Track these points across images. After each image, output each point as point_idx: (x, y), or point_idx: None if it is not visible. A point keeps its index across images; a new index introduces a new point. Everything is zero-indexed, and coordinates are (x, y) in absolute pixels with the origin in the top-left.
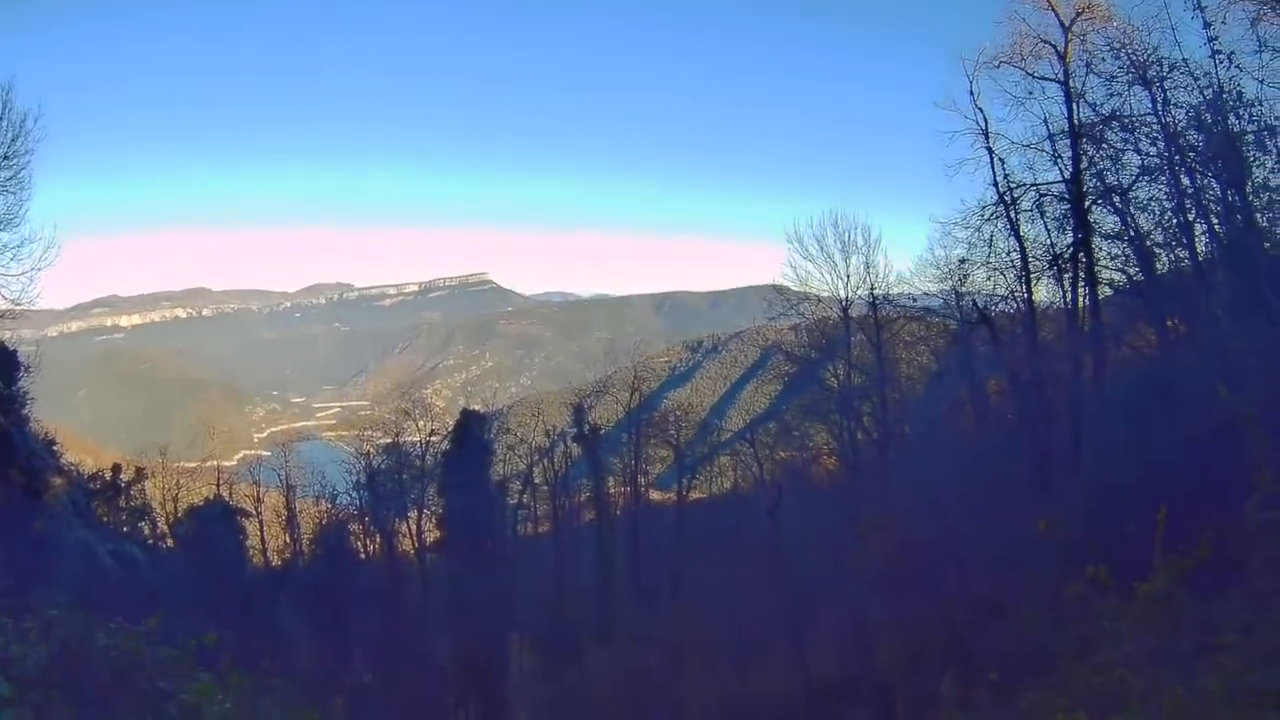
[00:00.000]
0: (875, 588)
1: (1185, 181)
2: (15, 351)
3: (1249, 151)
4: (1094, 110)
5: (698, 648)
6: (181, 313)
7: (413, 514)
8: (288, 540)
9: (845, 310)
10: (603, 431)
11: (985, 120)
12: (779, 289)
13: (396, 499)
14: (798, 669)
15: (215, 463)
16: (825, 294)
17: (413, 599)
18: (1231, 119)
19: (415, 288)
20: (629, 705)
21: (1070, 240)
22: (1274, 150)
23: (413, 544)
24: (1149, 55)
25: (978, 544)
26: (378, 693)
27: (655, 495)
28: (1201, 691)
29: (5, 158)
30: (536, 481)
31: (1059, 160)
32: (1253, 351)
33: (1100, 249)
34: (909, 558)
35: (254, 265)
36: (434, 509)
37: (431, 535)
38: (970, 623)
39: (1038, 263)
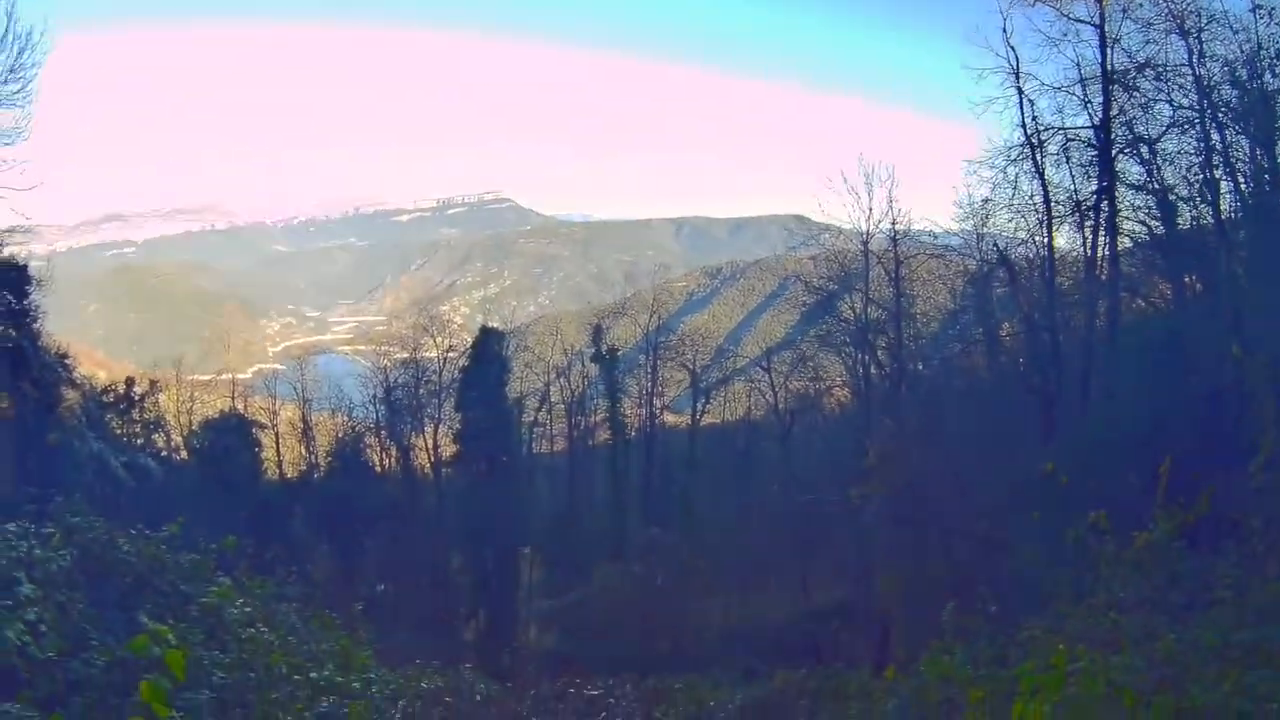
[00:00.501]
0: (880, 519)
1: (1215, 137)
2: (26, 266)
3: None
4: (1128, 56)
5: (705, 568)
6: (194, 226)
7: (429, 429)
8: (303, 453)
9: (865, 243)
10: (620, 353)
11: (1016, 59)
12: (800, 219)
13: (413, 413)
14: (800, 593)
15: (230, 376)
16: (846, 226)
17: (427, 512)
18: (1268, 76)
19: (433, 204)
20: (635, 621)
21: (1094, 188)
22: None
23: (429, 458)
24: (1188, 4)
25: (982, 482)
26: (391, 602)
27: (670, 418)
28: (1193, 643)
29: (11, 71)
30: (553, 400)
31: (1089, 105)
32: (1268, 313)
33: (1124, 199)
34: (915, 491)
35: (267, 178)
36: (450, 424)
37: (448, 450)
38: (971, 557)
39: (1060, 208)
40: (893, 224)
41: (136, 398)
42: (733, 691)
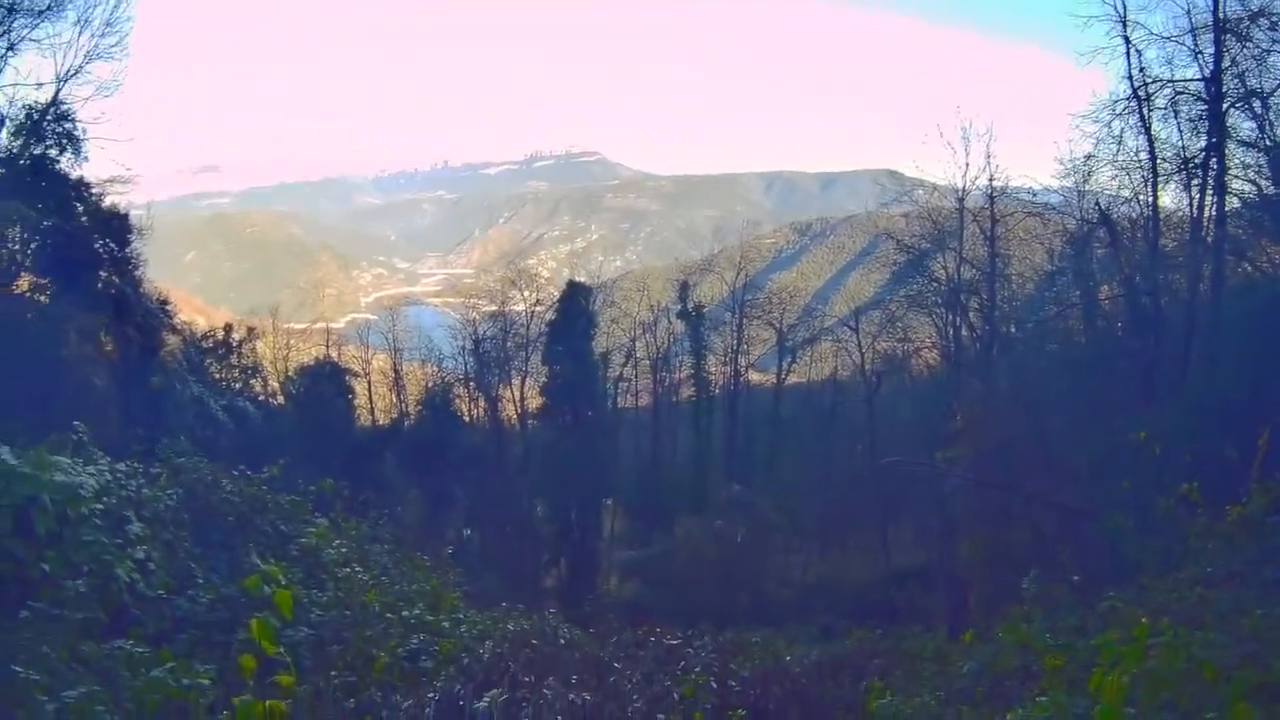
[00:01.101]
0: (965, 483)
1: None
2: (127, 215)
3: None
4: (1241, 4)
5: (786, 526)
6: (288, 178)
7: (516, 380)
8: (394, 401)
9: (961, 200)
10: (706, 310)
11: (1124, 6)
12: (893, 174)
13: (501, 365)
14: (880, 554)
15: (324, 324)
16: (941, 182)
17: (514, 462)
18: None
19: (521, 157)
20: (715, 575)
21: (1203, 144)
22: None
23: (515, 409)
24: None
25: (1073, 449)
26: (477, 548)
27: (754, 376)
28: None
29: (108, 25)
30: (638, 356)
31: (1199, 56)
32: None
33: (1233, 156)
34: (1002, 456)
35: (358, 130)
36: (537, 377)
37: (534, 402)
38: (1057, 525)
39: (1166, 165)
40: (990, 180)
41: (235, 344)
42: (809, 647)
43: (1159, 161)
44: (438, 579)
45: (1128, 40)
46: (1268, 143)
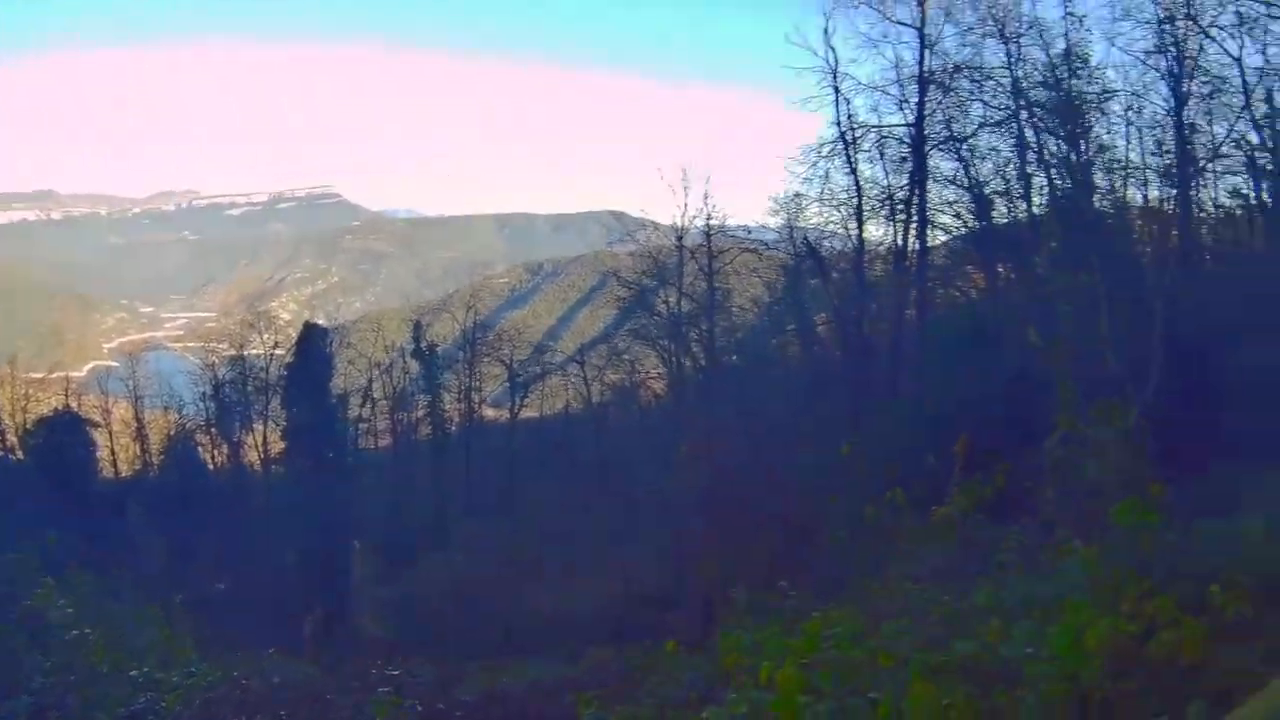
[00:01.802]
0: (695, 507)
1: (1029, 136)
2: None
3: (1090, 111)
4: (943, 59)
5: (526, 558)
6: (30, 215)
7: (259, 425)
8: (137, 450)
9: (680, 238)
10: (440, 349)
11: (835, 59)
12: (618, 215)
13: (242, 410)
14: (620, 579)
15: (64, 373)
16: (663, 222)
17: (259, 507)
18: (1077, 79)
19: (264, 198)
20: (459, 607)
21: (906, 182)
22: (1113, 113)
23: (258, 454)
24: (1008, 10)
25: (793, 469)
26: (226, 594)
27: (489, 412)
28: (971, 603)
29: None
30: (376, 396)
31: (905, 104)
32: (1071, 302)
33: (938, 194)
34: (728, 480)
35: (103, 165)
36: (279, 421)
37: (276, 446)
38: (784, 542)
39: (872, 202)
40: (707, 219)
41: None
42: (536, 670)
43: (864, 199)
44: (171, 632)
45: (837, 90)
46: (970, 182)
